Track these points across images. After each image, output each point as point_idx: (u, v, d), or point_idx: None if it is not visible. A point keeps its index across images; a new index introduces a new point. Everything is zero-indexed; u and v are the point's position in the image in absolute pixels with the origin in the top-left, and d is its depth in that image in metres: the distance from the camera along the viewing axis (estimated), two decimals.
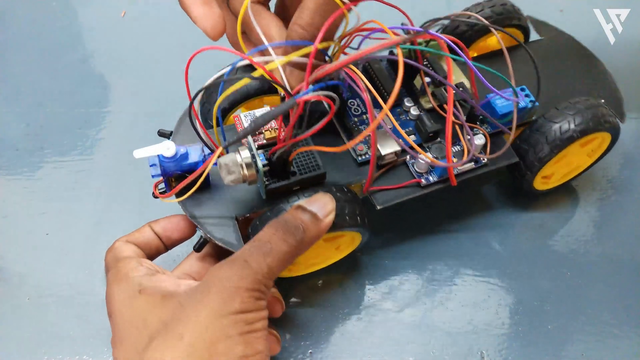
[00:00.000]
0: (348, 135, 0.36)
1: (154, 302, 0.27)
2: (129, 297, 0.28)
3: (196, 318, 0.25)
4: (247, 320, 0.25)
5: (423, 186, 0.34)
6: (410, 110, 0.37)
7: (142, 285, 0.28)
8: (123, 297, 0.28)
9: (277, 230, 0.28)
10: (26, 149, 0.47)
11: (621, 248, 0.39)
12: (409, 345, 0.35)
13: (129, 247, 0.32)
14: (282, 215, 0.29)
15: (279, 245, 0.27)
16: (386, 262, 0.39)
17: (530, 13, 0.45)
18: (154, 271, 0.30)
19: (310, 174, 0.32)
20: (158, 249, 0.34)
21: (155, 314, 0.27)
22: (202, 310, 0.25)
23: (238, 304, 0.25)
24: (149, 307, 0.27)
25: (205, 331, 0.25)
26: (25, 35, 0.58)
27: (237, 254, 0.27)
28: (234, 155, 0.30)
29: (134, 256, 0.31)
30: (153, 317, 0.27)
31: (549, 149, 0.36)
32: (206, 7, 0.31)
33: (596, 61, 0.43)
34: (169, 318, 0.26)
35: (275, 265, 0.27)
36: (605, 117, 0.36)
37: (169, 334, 0.25)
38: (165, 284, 0.29)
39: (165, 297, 0.27)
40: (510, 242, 0.40)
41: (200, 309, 0.25)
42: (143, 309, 0.27)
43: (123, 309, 0.28)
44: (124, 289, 0.29)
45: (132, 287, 0.28)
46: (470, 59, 0.32)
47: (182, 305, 0.26)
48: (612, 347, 0.35)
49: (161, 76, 0.52)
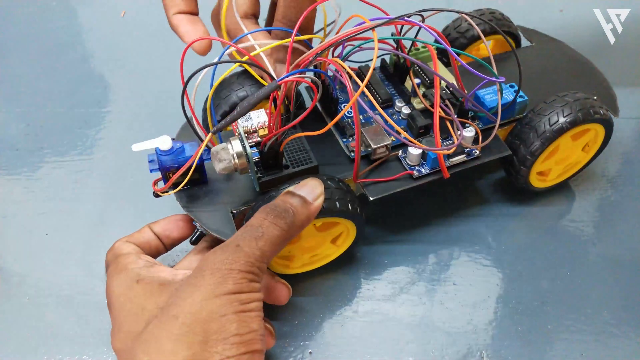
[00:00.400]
0: (340, 131, 0.37)
1: (152, 290, 0.28)
2: (128, 288, 0.29)
3: (191, 300, 0.25)
4: (240, 300, 0.26)
5: (415, 178, 0.35)
6: (402, 110, 0.38)
7: (140, 276, 0.29)
8: (122, 288, 0.29)
9: (267, 215, 0.29)
10: (26, 148, 0.47)
11: (621, 248, 0.39)
12: (408, 345, 0.35)
13: (129, 245, 0.33)
14: (272, 201, 0.30)
15: (270, 229, 0.28)
16: (386, 261, 0.39)
17: (530, 13, 0.45)
18: (152, 263, 0.31)
19: (302, 167, 0.34)
20: (158, 248, 0.34)
21: (152, 301, 0.27)
22: (195, 292, 0.26)
23: (231, 284, 0.26)
24: (146, 294, 0.28)
25: (200, 311, 0.25)
26: (25, 35, 0.58)
27: (229, 239, 0.28)
28: (225, 144, 0.31)
29: (133, 252, 0.32)
30: (150, 303, 0.27)
31: (539, 142, 0.36)
32: (192, 25, 0.34)
33: (588, 63, 0.44)
34: (165, 303, 0.27)
35: (268, 249, 0.28)
36: (594, 108, 0.36)
37: (165, 316, 0.26)
38: (162, 274, 0.29)
39: (163, 284, 0.28)
40: (510, 242, 0.40)
41: (194, 291, 0.26)
42: (140, 297, 0.28)
43: (121, 299, 0.29)
44: (123, 280, 0.29)
45: (131, 277, 0.29)
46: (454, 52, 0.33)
47: (178, 290, 0.27)
48: (612, 347, 0.35)
49: (161, 76, 0.52)
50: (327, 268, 0.38)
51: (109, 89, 0.52)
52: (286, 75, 0.28)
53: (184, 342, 0.25)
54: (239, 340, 0.25)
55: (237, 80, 0.38)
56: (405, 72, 0.38)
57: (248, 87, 0.37)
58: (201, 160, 0.33)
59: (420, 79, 0.37)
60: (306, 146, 0.35)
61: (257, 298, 0.27)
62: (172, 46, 0.54)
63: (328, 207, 0.31)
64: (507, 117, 0.38)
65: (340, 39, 0.29)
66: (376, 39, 0.29)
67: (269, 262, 0.28)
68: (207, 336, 0.25)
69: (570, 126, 0.36)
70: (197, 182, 0.35)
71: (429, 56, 0.39)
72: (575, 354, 0.34)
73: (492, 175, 0.44)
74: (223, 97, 0.38)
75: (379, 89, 0.38)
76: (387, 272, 0.38)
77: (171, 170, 0.32)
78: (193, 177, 0.33)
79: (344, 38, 0.29)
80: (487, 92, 0.37)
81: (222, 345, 0.25)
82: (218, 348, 0.25)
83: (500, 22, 0.44)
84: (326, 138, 0.37)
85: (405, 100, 0.38)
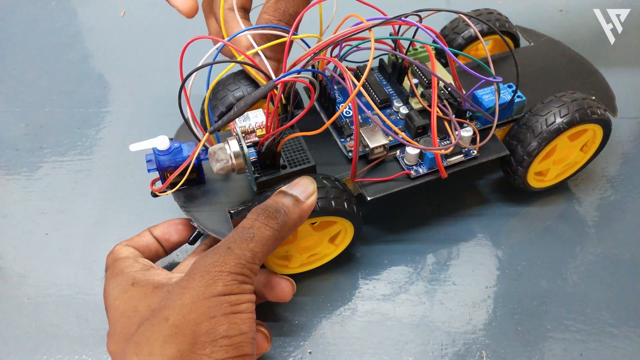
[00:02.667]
0: (338, 131, 0.37)
1: (146, 293, 0.28)
2: (123, 290, 0.29)
3: (181, 301, 0.25)
4: (230, 301, 0.26)
5: (413, 178, 0.35)
6: (400, 110, 0.38)
7: (135, 279, 0.29)
8: (117, 291, 0.29)
9: (259, 216, 0.29)
10: (26, 148, 0.47)
11: (621, 248, 0.39)
12: (408, 345, 0.35)
13: (128, 248, 0.33)
14: (264, 201, 0.30)
15: (262, 230, 0.28)
16: (385, 261, 0.39)
17: (530, 13, 0.45)
18: (149, 267, 0.31)
19: (300, 167, 0.34)
20: (157, 252, 0.35)
21: (146, 303, 0.27)
22: (186, 294, 0.26)
23: (221, 286, 0.26)
24: (140, 297, 0.28)
25: (189, 313, 0.25)
26: (25, 35, 0.58)
27: (221, 242, 0.28)
28: (223, 144, 0.31)
29: (131, 256, 0.32)
30: (143, 305, 0.27)
31: (536, 142, 0.36)
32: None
33: (586, 63, 0.44)
34: (157, 305, 0.27)
35: (259, 250, 0.28)
36: (592, 108, 0.36)
37: (155, 318, 0.26)
38: (158, 277, 0.30)
39: (157, 287, 0.28)
40: (510, 242, 0.40)
41: (184, 293, 0.26)
42: (135, 299, 0.28)
43: (117, 302, 0.29)
44: (119, 283, 0.29)
45: (126, 281, 0.29)
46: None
47: (169, 292, 0.27)
48: (612, 347, 0.35)
49: (160, 76, 0.52)
50: (326, 268, 0.38)
51: (108, 89, 0.52)
52: (283, 75, 0.28)
53: (172, 344, 0.25)
54: (228, 343, 0.25)
55: (233, 80, 0.38)
56: (403, 72, 0.38)
57: (244, 88, 0.37)
58: (199, 160, 0.33)
59: (418, 79, 0.37)
60: (304, 146, 0.35)
61: (248, 299, 0.27)
62: (172, 46, 0.54)
63: (324, 206, 0.32)
64: (505, 117, 0.38)
65: (337, 38, 0.29)
66: (373, 39, 0.29)
67: (262, 262, 0.28)
68: (196, 338, 0.25)
69: (567, 127, 0.36)
70: (195, 182, 0.35)
71: (427, 56, 0.39)
72: (575, 354, 0.34)
73: (491, 175, 0.44)
74: (220, 97, 0.38)
75: (377, 89, 0.38)
76: (387, 272, 0.38)
77: (169, 170, 0.32)
78: (191, 177, 0.33)
79: (341, 37, 0.29)
80: (484, 93, 0.37)
81: (210, 348, 0.25)
82: (206, 350, 0.25)
83: (499, 22, 0.44)
84: (324, 138, 0.37)
85: (403, 100, 0.38)
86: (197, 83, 0.33)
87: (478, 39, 0.42)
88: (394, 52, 0.36)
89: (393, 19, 0.30)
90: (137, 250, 0.33)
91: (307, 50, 0.30)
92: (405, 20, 0.31)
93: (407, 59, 0.32)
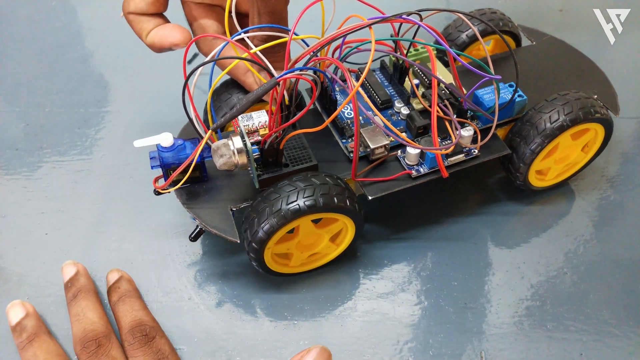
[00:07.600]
0: (339, 132, 0.37)
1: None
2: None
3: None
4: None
5: (414, 177, 0.35)
6: (401, 110, 0.38)
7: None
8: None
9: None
10: (25, 148, 0.47)
11: (621, 248, 0.39)
12: (407, 344, 0.35)
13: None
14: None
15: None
16: (385, 261, 0.39)
17: (530, 13, 0.45)
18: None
19: (302, 166, 0.34)
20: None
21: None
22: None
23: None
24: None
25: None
26: (25, 35, 0.58)
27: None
28: (226, 140, 0.32)
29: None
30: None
31: (540, 139, 0.36)
32: (167, 28, 0.36)
33: (588, 61, 0.44)
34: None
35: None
36: (595, 107, 0.37)
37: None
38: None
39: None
40: (510, 241, 0.40)
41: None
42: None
43: None
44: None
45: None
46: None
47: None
48: (611, 347, 0.35)
49: (160, 76, 0.52)
50: (327, 267, 0.38)
51: (108, 88, 0.52)
52: (285, 73, 0.28)
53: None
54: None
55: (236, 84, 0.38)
56: (404, 72, 0.38)
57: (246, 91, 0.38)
58: (201, 158, 0.33)
59: (419, 80, 0.37)
60: (306, 146, 0.35)
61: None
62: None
63: (326, 203, 0.32)
64: (506, 117, 0.38)
65: (337, 36, 0.29)
66: (373, 37, 0.29)
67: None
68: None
69: (570, 124, 0.36)
70: (198, 180, 0.35)
71: (428, 56, 0.39)
72: (575, 353, 0.34)
73: (492, 174, 0.44)
74: (224, 99, 0.38)
75: (378, 89, 0.38)
76: (387, 272, 0.38)
77: (172, 167, 0.32)
78: (193, 174, 0.33)
79: (340, 35, 0.29)
80: (485, 92, 0.37)
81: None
82: None
83: (502, 22, 0.43)
84: (326, 139, 0.37)
85: (404, 101, 0.38)
86: (198, 84, 0.33)
87: (478, 39, 0.42)
88: (394, 54, 0.36)
89: (393, 17, 0.30)
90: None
91: (307, 48, 0.30)
92: (406, 19, 0.31)
93: (407, 61, 0.32)
